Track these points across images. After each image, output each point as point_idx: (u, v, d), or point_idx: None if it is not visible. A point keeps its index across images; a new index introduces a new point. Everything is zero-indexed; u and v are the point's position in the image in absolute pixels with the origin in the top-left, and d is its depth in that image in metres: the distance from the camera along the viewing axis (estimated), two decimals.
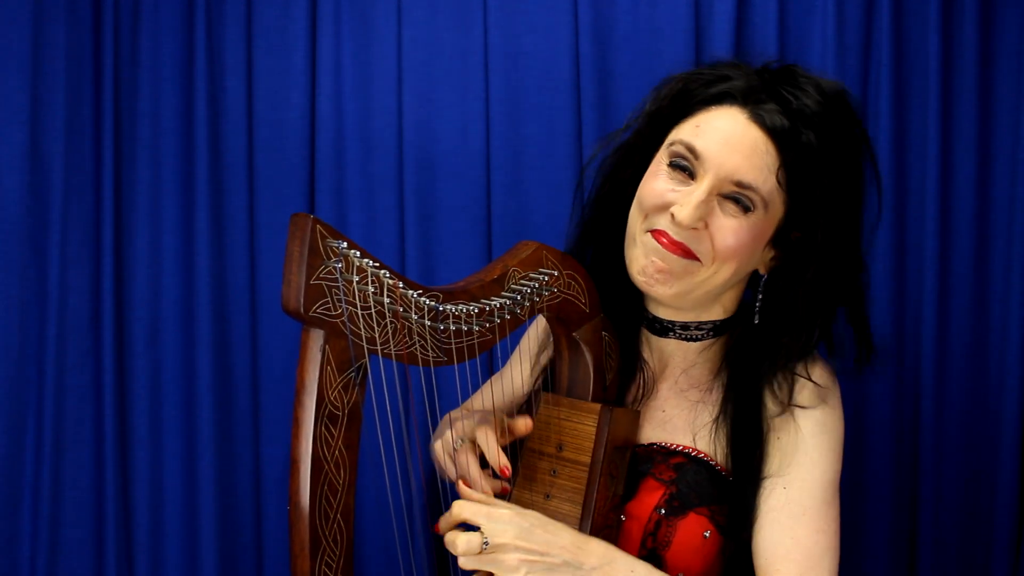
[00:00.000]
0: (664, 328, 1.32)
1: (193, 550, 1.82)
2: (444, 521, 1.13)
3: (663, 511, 1.21)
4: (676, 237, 1.18)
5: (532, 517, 1.12)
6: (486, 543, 1.08)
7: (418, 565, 1.24)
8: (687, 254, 1.19)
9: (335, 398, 1.01)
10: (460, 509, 1.12)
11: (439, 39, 1.79)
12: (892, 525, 1.74)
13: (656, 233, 1.20)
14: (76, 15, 1.79)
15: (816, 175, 1.17)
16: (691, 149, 1.18)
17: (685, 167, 1.19)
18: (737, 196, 1.17)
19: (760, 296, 1.26)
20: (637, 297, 1.34)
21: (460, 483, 1.19)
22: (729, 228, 1.18)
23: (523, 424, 1.26)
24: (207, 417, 1.79)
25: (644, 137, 1.28)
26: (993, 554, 1.69)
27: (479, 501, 1.14)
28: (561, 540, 1.11)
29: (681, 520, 1.20)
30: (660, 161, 1.23)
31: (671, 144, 1.21)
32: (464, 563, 1.10)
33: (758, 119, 1.17)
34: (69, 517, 1.79)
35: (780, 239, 1.23)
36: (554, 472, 1.25)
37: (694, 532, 1.19)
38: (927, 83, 1.69)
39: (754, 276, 1.29)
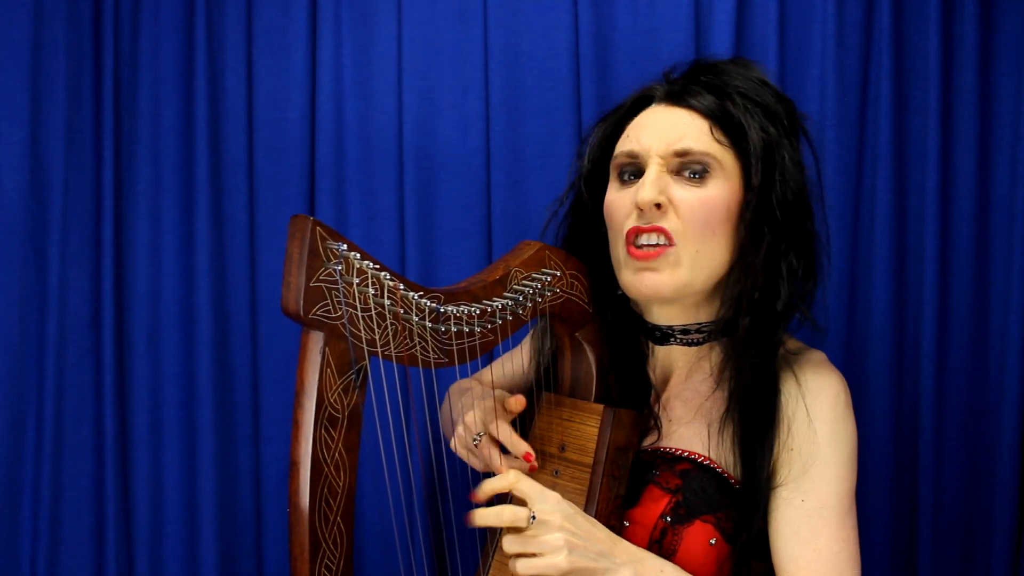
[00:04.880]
0: (664, 335, 1.31)
1: (193, 550, 1.82)
2: (486, 487, 1.13)
3: (669, 519, 1.20)
4: (645, 223, 1.21)
5: (573, 506, 1.13)
6: (533, 517, 1.08)
7: (418, 567, 1.24)
8: (660, 232, 1.20)
9: (335, 400, 1.01)
10: (517, 479, 1.12)
11: (439, 39, 1.79)
12: (892, 525, 1.74)
13: (629, 236, 1.22)
14: (76, 15, 1.79)
15: (747, 123, 1.21)
16: (629, 153, 1.25)
17: (632, 170, 1.25)
18: (686, 165, 1.21)
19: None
20: (634, 316, 1.35)
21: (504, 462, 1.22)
22: (692, 198, 1.21)
23: (515, 402, 1.26)
24: (207, 417, 1.79)
25: (593, 174, 1.34)
26: (993, 554, 1.69)
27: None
28: (598, 532, 1.12)
29: (687, 528, 1.19)
30: (613, 182, 1.29)
31: (614, 161, 1.28)
32: (507, 543, 1.10)
33: (679, 101, 1.25)
34: (69, 517, 1.79)
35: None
36: (557, 472, 1.25)
37: (700, 540, 1.19)
38: (927, 83, 1.69)
39: None
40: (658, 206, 1.20)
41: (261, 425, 1.85)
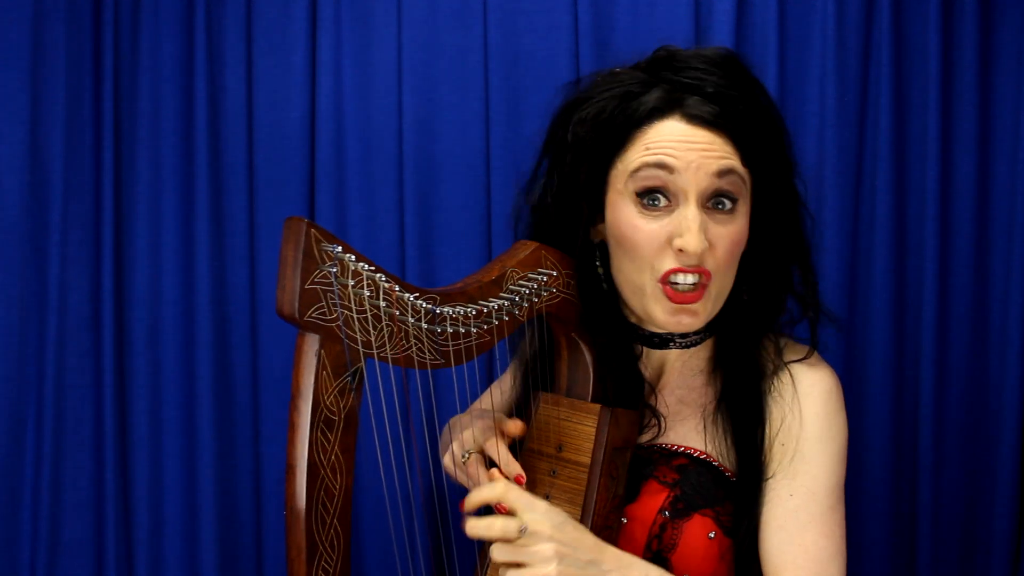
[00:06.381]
0: (664, 340, 1.30)
1: (193, 550, 1.82)
2: (473, 498, 1.12)
3: (667, 513, 1.20)
4: (688, 265, 1.16)
5: (562, 514, 1.12)
6: (523, 529, 1.08)
7: (416, 569, 1.24)
8: (702, 273, 1.17)
9: (331, 403, 1.01)
10: (506, 490, 1.11)
11: (439, 39, 1.79)
12: (891, 525, 1.74)
13: (665, 275, 1.17)
14: (76, 15, 1.79)
15: (753, 134, 1.17)
16: (661, 165, 1.15)
17: (657, 192, 1.16)
18: (722, 191, 1.16)
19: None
20: (621, 315, 1.32)
21: (492, 471, 1.20)
22: (727, 236, 1.17)
23: (515, 427, 1.26)
24: (207, 417, 1.80)
25: (581, 171, 1.23)
26: (993, 554, 1.69)
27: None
28: (587, 540, 1.11)
29: (686, 522, 1.19)
30: (625, 200, 1.19)
31: (635, 172, 1.17)
32: (496, 554, 1.09)
33: (694, 119, 1.15)
34: (69, 517, 1.79)
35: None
36: (554, 472, 1.25)
37: (699, 534, 1.19)
38: (927, 83, 1.69)
39: None
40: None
41: (261, 425, 1.85)
